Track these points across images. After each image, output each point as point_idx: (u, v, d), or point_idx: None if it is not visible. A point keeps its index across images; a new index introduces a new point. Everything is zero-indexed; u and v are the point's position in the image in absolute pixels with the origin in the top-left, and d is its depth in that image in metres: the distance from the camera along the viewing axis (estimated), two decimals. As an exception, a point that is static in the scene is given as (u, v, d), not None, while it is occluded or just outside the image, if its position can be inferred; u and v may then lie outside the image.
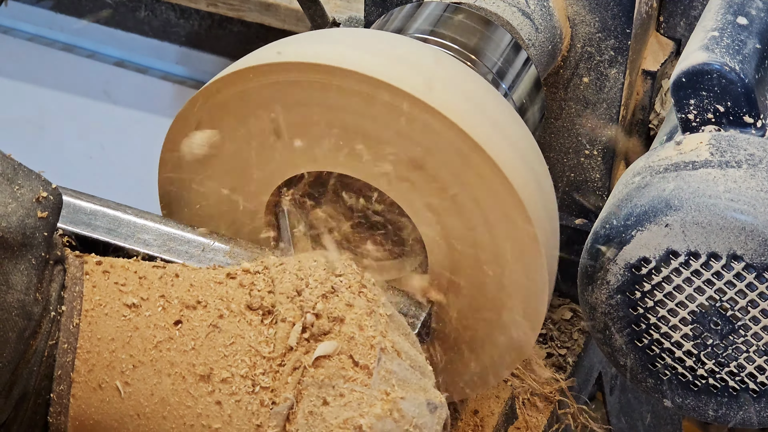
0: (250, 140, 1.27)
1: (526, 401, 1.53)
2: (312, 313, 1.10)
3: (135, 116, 3.03)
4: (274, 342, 1.09)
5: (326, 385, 1.09)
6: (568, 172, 1.58)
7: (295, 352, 1.09)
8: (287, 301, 1.10)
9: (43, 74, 3.08)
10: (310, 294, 1.11)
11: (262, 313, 1.11)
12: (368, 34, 1.32)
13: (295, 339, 1.09)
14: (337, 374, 1.09)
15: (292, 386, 1.09)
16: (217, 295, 1.11)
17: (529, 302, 1.26)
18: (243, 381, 1.08)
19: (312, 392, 1.08)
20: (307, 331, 1.10)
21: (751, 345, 1.26)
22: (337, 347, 1.10)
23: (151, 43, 2.91)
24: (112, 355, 1.07)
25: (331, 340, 1.10)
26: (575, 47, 1.51)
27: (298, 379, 1.09)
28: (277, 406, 1.08)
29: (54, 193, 1.08)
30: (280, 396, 1.08)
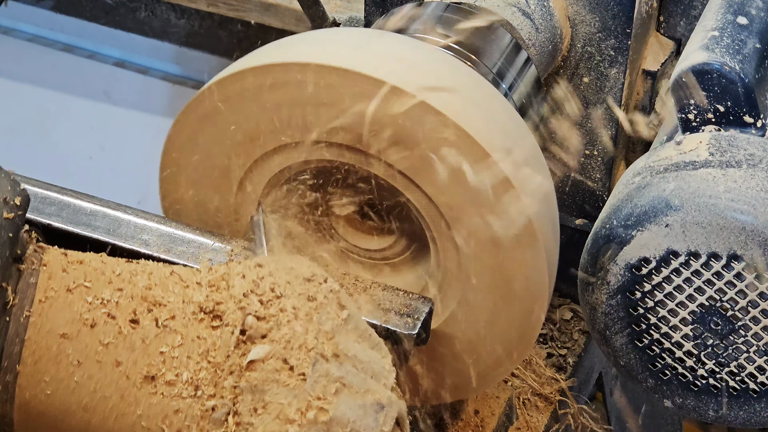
0: (250, 139, 1.27)
1: (526, 401, 1.53)
2: (253, 315, 1.10)
3: (135, 116, 3.03)
4: (219, 346, 1.09)
5: (259, 390, 1.08)
6: (568, 172, 1.58)
7: (233, 356, 1.09)
8: (234, 305, 1.10)
9: (43, 75, 3.08)
10: (255, 298, 1.11)
11: (212, 317, 1.10)
12: (368, 34, 1.32)
13: (234, 342, 1.09)
14: (270, 378, 1.08)
15: (229, 391, 1.08)
16: (176, 295, 1.11)
17: (530, 302, 1.26)
18: (187, 385, 1.08)
19: (246, 398, 1.08)
20: (245, 334, 1.09)
21: (752, 345, 1.26)
22: (270, 350, 1.09)
23: (151, 43, 2.91)
24: (59, 349, 1.07)
25: (266, 343, 1.09)
26: (575, 47, 1.51)
27: (233, 383, 1.08)
28: (216, 412, 1.08)
29: (22, 194, 1.09)
30: (218, 401, 1.08)
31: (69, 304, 1.09)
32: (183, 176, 1.33)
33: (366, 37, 1.30)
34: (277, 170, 1.32)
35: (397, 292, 1.27)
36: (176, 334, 1.09)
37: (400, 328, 1.23)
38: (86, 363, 1.08)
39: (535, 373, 1.55)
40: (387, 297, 1.26)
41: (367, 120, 1.22)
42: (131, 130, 3.01)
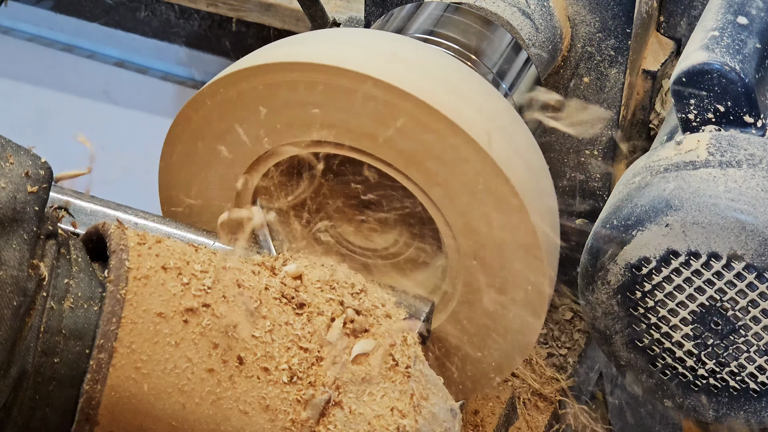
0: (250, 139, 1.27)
1: (526, 401, 1.53)
2: (353, 308, 1.10)
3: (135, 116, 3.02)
4: (312, 335, 1.08)
5: (366, 382, 1.08)
6: (568, 172, 1.58)
7: (334, 346, 1.08)
8: (322, 294, 1.10)
9: (43, 74, 3.08)
10: (347, 290, 1.11)
11: (296, 304, 1.10)
12: (368, 34, 1.32)
13: (336, 334, 1.09)
14: (376, 372, 1.09)
15: (331, 381, 1.08)
16: (256, 281, 1.10)
17: (530, 302, 1.26)
18: (282, 371, 1.07)
19: (351, 389, 1.08)
20: (347, 327, 1.09)
21: (752, 345, 1.26)
22: (376, 345, 1.10)
23: (151, 43, 2.91)
24: (156, 329, 1.05)
25: (370, 338, 1.10)
26: (575, 47, 1.51)
27: (336, 374, 1.08)
28: (315, 399, 1.07)
29: (44, 167, 1.08)
30: (318, 389, 1.07)
31: (163, 282, 1.07)
32: (183, 176, 1.33)
33: (367, 37, 1.30)
34: (277, 170, 1.32)
35: (396, 292, 1.27)
36: (265, 319, 1.08)
37: (401, 328, 1.23)
38: (183, 344, 1.06)
39: (535, 373, 1.55)
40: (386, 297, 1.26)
41: (369, 122, 1.22)
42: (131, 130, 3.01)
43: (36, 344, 1.04)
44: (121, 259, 1.07)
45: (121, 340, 1.05)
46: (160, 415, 1.06)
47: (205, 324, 1.06)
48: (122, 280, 1.06)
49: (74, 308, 1.06)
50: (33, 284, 1.03)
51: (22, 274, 1.02)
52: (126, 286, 1.06)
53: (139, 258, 1.07)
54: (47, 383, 1.05)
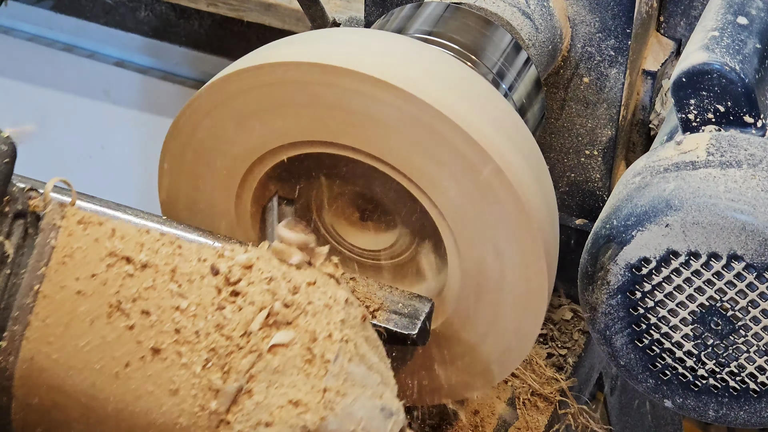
0: (251, 139, 1.27)
1: (526, 401, 1.53)
2: (281, 302, 1.10)
3: (135, 116, 3.02)
4: (238, 323, 1.08)
5: (278, 372, 1.08)
6: (568, 172, 1.58)
7: (255, 335, 1.08)
8: (260, 285, 1.10)
9: (43, 74, 3.08)
10: (284, 283, 1.10)
11: (232, 292, 1.09)
12: (369, 34, 1.32)
13: (258, 324, 1.08)
14: (290, 364, 1.08)
15: (245, 369, 1.08)
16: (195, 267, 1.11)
17: (530, 302, 1.26)
18: (197, 355, 1.07)
19: (263, 378, 1.08)
20: (271, 318, 1.09)
21: (752, 345, 1.26)
22: (295, 337, 1.09)
23: (151, 43, 2.91)
24: (73, 305, 1.06)
25: (291, 329, 1.09)
26: (575, 47, 1.51)
27: (251, 363, 1.08)
28: (226, 386, 1.07)
29: (6, 141, 1.08)
30: (231, 377, 1.07)
31: (86, 262, 1.08)
32: (183, 176, 1.33)
33: (367, 37, 1.31)
34: (278, 169, 1.32)
35: (396, 292, 1.27)
36: (189, 305, 1.08)
37: (400, 328, 1.24)
38: (98, 323, 1.07)
39: (535, 373, 1.56)
40: (386, 297, 1.27)
41: (369, 122, 1.22)
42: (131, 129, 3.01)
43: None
44: (47, 236, 1.08)
45: (37, 314, 1.06)
46: (70, 392, 1.07)
47: (123, 306, 1.07)
48: (45, 257, 1.07)
49: None
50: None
51: None
52: (48, 263, 1.07)
53: (69, 237, 1.08)
54: None
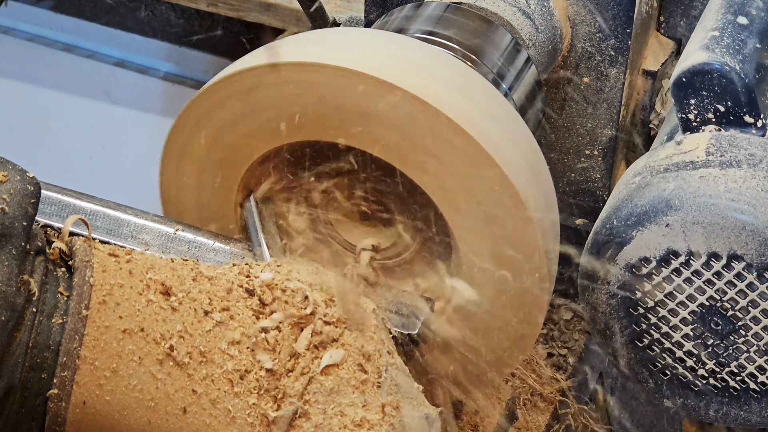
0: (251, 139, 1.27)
1: (526, 401, 1.53)
2: (322, 319, 1.10)
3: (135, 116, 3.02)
4: (281, 345, 1.09)
5: (334, 393, 1.08)
6: (568, 172, 1.58)
7: (303, 357, 1.08)
8: (294, 303, 1.10)
9: (43, 74, 3.08)
10: (320, 298, 1.10)
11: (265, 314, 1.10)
12: (369, 34, 1.32)
13: (304, 345, 1.08)
14: (345, 383, 1.09)
15: (299, 392, 1.08)
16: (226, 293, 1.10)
17: (530, 302, 1.26)
18: (250, 383, 1.07)
19: (319, 400, 1.08)
20: (316, 338, 1.09)
21: (752, 345, 1.26)
22: (345, 356, 1.10)
23: (151, 43, 2.91)
24: (120, 345, 1.06)
25: (340, 348, 1.10)
26: (575, 47, 1.51)
27: (304, 385, 1.08)
28: (282, 410, 1.07)
29: (32, 182, 1.08)
30: (285, 401, 1.07)
31: (127, 298, 1.07)
32: (183, 176, 1.33)
33: (368, 37, 1.31)
34: (278, 169, 1.32)
35: (396, 292, 1.27)
36: (233, 332, 1.08)
37: (401, 327, 1.23)
38: (146, 360, 1.06)
39: (535, 373, 1.55)
40: (386, 296, 1.26)
41: (369, 122, 1.22)
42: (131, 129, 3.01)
43: (24, 359, 1.05)
44: (84, 276, 1.07)
45: (84, 358, 1.05)
46: (125, 431, 1.07)
47: (168, 341, 1.07)
48: (85, 298, 1.06)
49: (63, 324, 1.06)
50: (22, 300, 1.04)
51: (10, 289, 1.03)
52: (88, 303, 1.06)
53: (104, 274, 1.08)
54: (34, 398, 1.06)
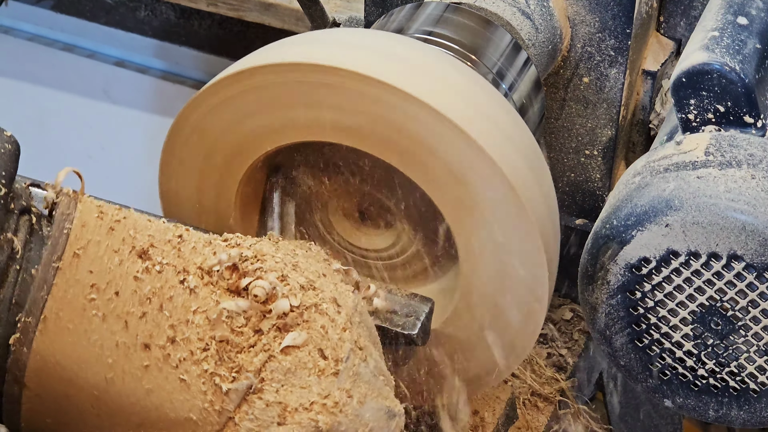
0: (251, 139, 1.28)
1: (526, 401, 1.53)
2: (293, 301, 1.10)
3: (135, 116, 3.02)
4: (248, 321, 1.09)
5: (291, 374, 1.08)
6: (568, 172, 1.58)
7: (266, 335, 1.08)
8: (269, 284, 1.10)
9: (43, 74, 3.08)
10: (293, 282, 1.10)
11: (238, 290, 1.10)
12: (369, 35, 1.32)
13: (270, 324, 1.09)
14: (303, 365, 1.09)
15: (256, 368, 1.08)
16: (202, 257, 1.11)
17: (530, 302, 1.26)
18: (208, 352, 1.08)
19: (276, 377, 1.08)
20: (282, 318, 1.09)
21: (752, 345, 1.26)
22: (307, 339, 1.10)
23: (151, 43, 2.91)
24: (86, 299, 1.07)
25: (304, 332, 1.10)
26: (575, 47, 1.51)
27: (262, 362, 1.08)
28: (237, 383, 1.07)
29: (10, 141, 1.08)
30: (241, 375, 1.08)
31: (99, 255, 1.08)
32: (184, 176, 1.33)
33: (367, 37, 1.31)
34: (278, 168, 1.32)
35: (396, 292, 1.27)
36: (202, 298, 1.08)
37: (400, 327, 1.24)
38: (110, 318, 1.07)
39: (535, 373, 1.56)
40: (386, 296, 1.27)
41: (369, 122, 1.22)
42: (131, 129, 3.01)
43: (7, 317, 1.05)
44: (61, 227, 1.08)
45: (50, 308, 1.06)
46: (83, 384, 1.07)
47: (136, 302, 1.07)
48: (59, 249, 1.07)
49: None
50: (4, 257, 1.04)
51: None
52: (61, 255, 1.06)
53: (82, 228, 1.08)
54: None
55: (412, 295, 1.27)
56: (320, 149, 1.31)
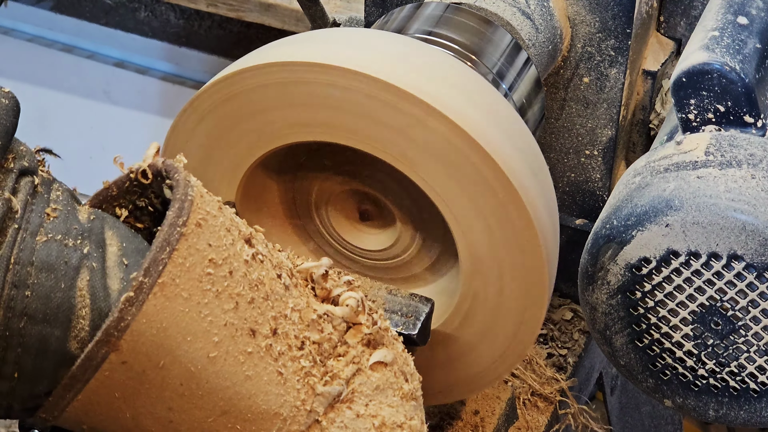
0: (252, 139, 1.28)
1: (526, 401, 1.53)
2: (374, 319, 1.11)
3: (135, 116, 3.03)
4: (335, 329, 1.08)
5: (380, 391, 1.08)
6: (568, 172, 1.58)
7: (354, 348, 1.09)
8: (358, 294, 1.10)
9: (43, 75, 3.08)
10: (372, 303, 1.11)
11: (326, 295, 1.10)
12: (369, 35, 1.32)
13: (357, 338, 1.09)
14: (390, 385, 1.09)
15: (347, 377, 1.08)
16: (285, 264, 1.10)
17: (530, 302, 1.26)
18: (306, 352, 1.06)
19: (365, 391, 1.08)
20: (369, 334, 1.10)
21: (752, 345, 1.26)
22: (395, 358, 1.10)
23: (151, 43, 2.92)
24: (203, 272, 1.02)
25: (391, 350, 1.11)
26: (575, 47, 1.51)
27: (352, 373, 1.08)
28: (330, 386, 1.07)
29: (8, 96, 1.06)
30: (334, 380, 1.07)
31: (216, 230, 1.04)
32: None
33: (367, 37, 1.31)
34: (278, 169, 1.32)
35: (396, 292, 1.27)
36: (294, 297, 1.07)
37: (400, 328, 1.24)
38: (223, 295, 1.03)
39: (535, 373, 1.55)
40: (386, 297, 1.27)
41: (369, 122, 1.22)
42: (131, 130, 3.02)
43: (5, 276, 1.00)
44: (186, 192, 1.04)
45: (169, 272, 1.01)
46: (183, 357, 1.02)
47: (246, 284, 1.04)
48: (185, 213, 1.02)
49: (47, 242, 1.02)
50: (1, 215, 1.00)
51: None
52: (187, 220, 1.02)
53: (201, 198, 1.04)
54: (18, 319, 1.01)
55: (412, 296, 1.27)
56: (320, 149, 1.31)
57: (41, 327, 1.01)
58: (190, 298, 1.01)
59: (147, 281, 1.00)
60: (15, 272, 1.01)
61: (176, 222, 1.02)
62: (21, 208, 1.02)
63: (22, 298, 1.01)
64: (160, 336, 1.01)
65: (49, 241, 1.02)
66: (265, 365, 1.04)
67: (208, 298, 1.02)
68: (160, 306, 1.00)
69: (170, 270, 1.00)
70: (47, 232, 1.02)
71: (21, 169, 1.05)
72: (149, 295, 1.00)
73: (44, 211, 1.04)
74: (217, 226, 1.04)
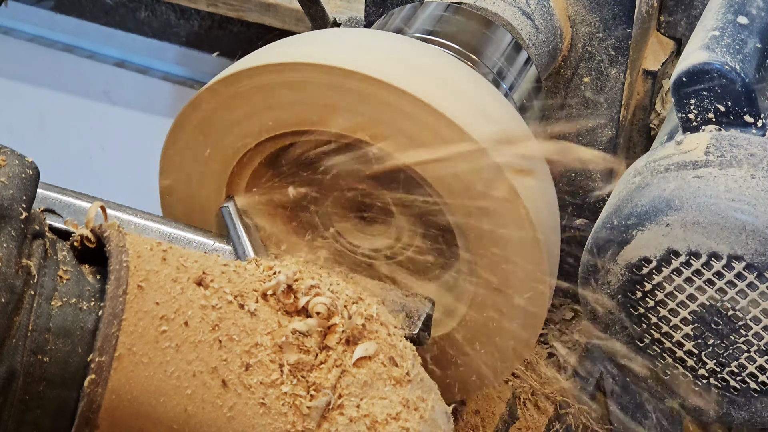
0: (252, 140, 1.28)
1: (527, 401, 1.53)
2: (348, 314, 1.10)
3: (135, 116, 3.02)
4: (310, 338, 1.08)
5: (368, 386, 1.08)
6: (568, 172, 1.58)
7: (335, 350, 1.08)
8: (317, 300, 1.09)
9: (43, 75, 3.08)
10: (343, 296, 1.10)
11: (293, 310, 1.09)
12: (369, 35, 1.32)
13: (336, 339, 1.08)
14: (378, 376, 1.09)
15: (332, 384, 1.08)
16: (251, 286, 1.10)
17: (530, 302, 1.26)
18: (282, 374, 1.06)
19: (353, 392, 1.08)
20: (345, 333, 1.09)
21: (752, 345, 1.26)
22: (378, 348, 1.10)
23: (151, 43, 2.91)
24: (157, 331, 1.04)
25: (372, 341, 1.10)
26: (576, 47, 1.51)
27: (337, 377, 1.08)
28: (315, 400, 1.07)
29: (31, 166, 1.07)
30: (319, 392, 1.07)
31: (162, 285, 1.05)
32: (184, 177, 1.33)
33: (368, 37, 1.31)
34: (279, 169, 1.32)
35: (396, 292, 1.27)
36: (263, 321, 1.07)
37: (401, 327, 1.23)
38: (184, 347, 1.04)
39: (535, 373, 1.56)
40: (386, 296, 1.26)
41: (369, 122, 1.22)
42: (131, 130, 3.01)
43: (24, 343, 1.02)
44: (120, 260, 1.05)
45: (123, 343, 1.03)
46: (161, 419, 1.05)
47: (206, 328, 1.05)
48: (123, 282, 1.04)
49: (62, 306, 1.04)
50: (21, 282, 1.02)
51: (9, 271, 1.01)
52: (126, 288, 1.04)
53: (139, 259, 1.06)
54: (37, 383, 1.03)
55: (413, 295, 1.27)
56: (321, 147, 1.31)
57: (59, 391, 1.04)
58: (151, 361, 1.03)
59: (104, 359, 1.02)
60: (33, 339, 1.03)
61: (116, 293, 1.04)
62: (36, 273, 1.04)
63: (40, 364, 1.03)
64: (134, 405, 1.03)
65: (64, 305, 1.04)
66: (245, 401, 1.05)
67: (169, 355, 1.04)
68: (124, 379, 1.03)
69: (123, 341, 1.03)
70: (61, 296, 1.05)
71: (33, 233, 1.06)
72: (110, 372, 1.02)
73: (56, 274, 1.06)
74: (162, 281, 1.06)
